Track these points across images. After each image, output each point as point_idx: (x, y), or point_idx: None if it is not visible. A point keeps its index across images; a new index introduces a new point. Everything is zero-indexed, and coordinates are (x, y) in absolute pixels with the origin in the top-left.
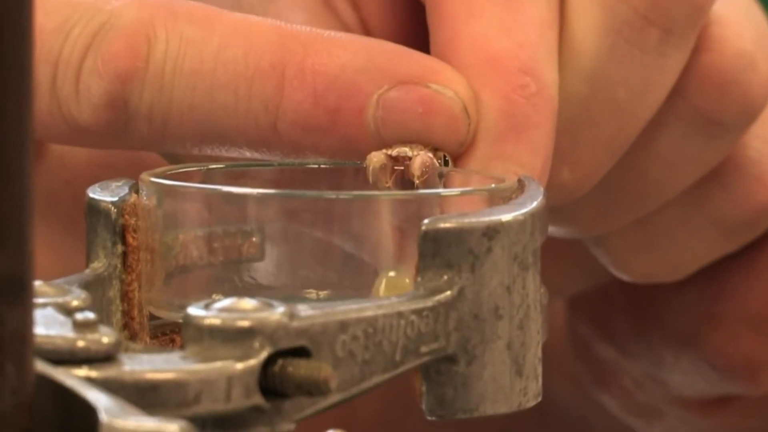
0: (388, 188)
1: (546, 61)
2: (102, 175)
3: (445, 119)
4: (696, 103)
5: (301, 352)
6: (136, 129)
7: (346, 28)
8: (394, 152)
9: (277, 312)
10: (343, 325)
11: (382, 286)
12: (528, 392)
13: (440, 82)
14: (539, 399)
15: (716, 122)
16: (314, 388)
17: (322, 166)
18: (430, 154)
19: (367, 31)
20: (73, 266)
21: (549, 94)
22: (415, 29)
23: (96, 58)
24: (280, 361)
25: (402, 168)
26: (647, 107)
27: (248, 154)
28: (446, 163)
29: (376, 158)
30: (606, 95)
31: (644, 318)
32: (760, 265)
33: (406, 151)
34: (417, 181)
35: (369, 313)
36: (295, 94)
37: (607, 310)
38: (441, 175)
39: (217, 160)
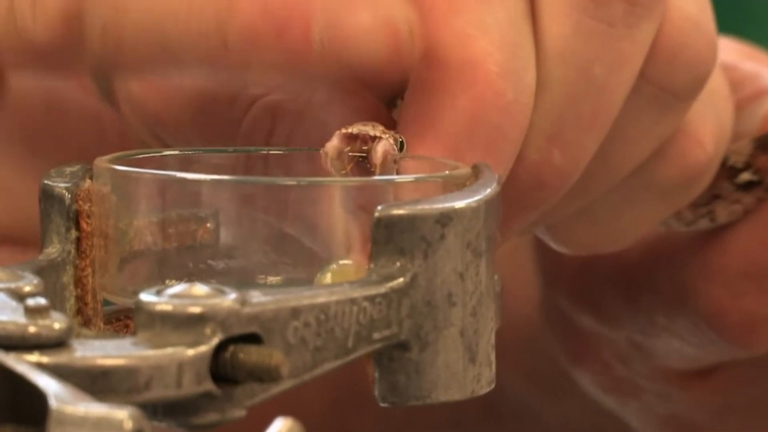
0: (345, 175)
1: (524, 60)
2: (57, 122)
3: (390, 40)
4: (647, 73)
5: (252, 339)
6: (90, 47)
7: None
8: (354, 130)
9: (229, 298)
10: (295, 312)
11: (327, 276)
12: (481, 379)
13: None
14: (492, 386)
15: (668, 91)
16: (265, 375)
17: (276, 152)
18: (390, 140)
19: None
20: (22, 210)
21: (524, 101)
22: None
23: None
24: (231, 348)
25: (361, 155)
26: (624, 81)
27: (197, 74)
28: (401, 147)
29: (332, 149)
30: (582, 73)
31: (635, 280)
32: (763, 217)
33: (367, 130)
34: (378, 170)
35: (321, 300)
36: (244, 6)
37: (590, 278)
38: (395, 161)
39: (167, 93)
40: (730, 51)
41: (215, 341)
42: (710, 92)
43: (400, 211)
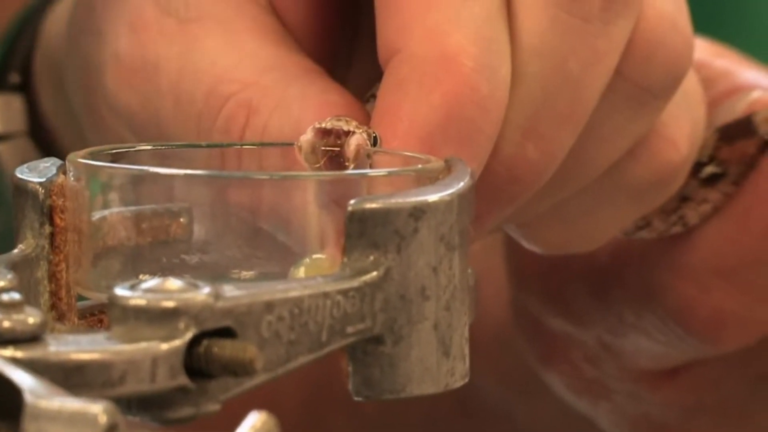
0: (318, 169)
1: (499, 55)
2: None
3: None
4: (623, 71)
5: (226, 333)
6: None
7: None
8: (328, 125)
9: (203, 293)
10: (269, 306)
11: (301, 270)
12: (455, 373)
13: None
14: (466, 380)
15: (644, 88)
16: (240, 369)
17: (250, 146)
18: (364, 134)
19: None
20: None
21: (499, 95)
22: (329, 20)
23: None
24: (205, 342)
25: (335, 149)
26: (599, 77)
27: None
28: (375, 142)
29: (306, 143)
30: (557, 68)
31: (605, 276)
32: (732, 212)
33: (341, 125)
34: (351, 164)
35: (295, 294)
36: None
37: (560, 278)
38: (368, 155)
39: (143, 89)
40: (701, 49)
41: (189, 335)
42: (685, 93)
43: (374, 205)
